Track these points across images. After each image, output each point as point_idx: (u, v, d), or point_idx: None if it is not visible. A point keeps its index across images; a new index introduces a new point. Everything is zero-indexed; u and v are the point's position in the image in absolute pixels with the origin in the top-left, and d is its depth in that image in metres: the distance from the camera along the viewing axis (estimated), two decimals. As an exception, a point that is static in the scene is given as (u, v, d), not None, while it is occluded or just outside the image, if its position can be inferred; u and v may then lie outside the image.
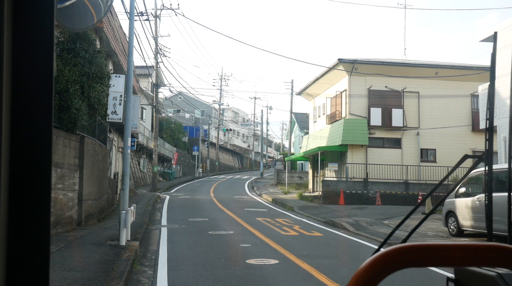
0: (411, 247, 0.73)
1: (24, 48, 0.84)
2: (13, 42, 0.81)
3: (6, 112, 0.78)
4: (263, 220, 16.48)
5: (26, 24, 0.85)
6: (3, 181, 0.76)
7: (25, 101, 0.84)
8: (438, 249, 0.74)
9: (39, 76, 0.86)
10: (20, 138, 0.82)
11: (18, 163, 0.81)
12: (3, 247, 0.77)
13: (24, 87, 0.84)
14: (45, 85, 0.86)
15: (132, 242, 10.04)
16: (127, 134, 10.28)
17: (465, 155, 1.96)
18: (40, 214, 0.82)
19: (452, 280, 1.59)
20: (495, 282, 1.38)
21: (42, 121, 0.85)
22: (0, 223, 0.75)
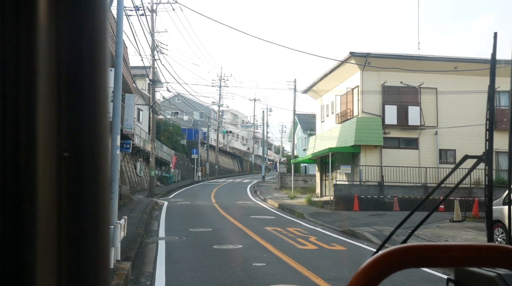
0: (411, 247, 0.75)
1: (23, 49, 0.74)
2: (11, 42, 0.73)
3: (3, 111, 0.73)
4: (272, 229, 14.78)
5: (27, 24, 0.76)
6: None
7: (24, 100, 0.73)
8: (438, 249, 0.75)
9: (38, 76, 0.75)
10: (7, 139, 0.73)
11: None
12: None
13: (22, 87, 0.75)
14: (44, 86, 0.76)
15: (123, 263, 8.21)
16: (116, 131, 8.44)
17: (465, 155, 2.24)
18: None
19: (452, 280, 1.61)
20: (495, 282, 1.41)
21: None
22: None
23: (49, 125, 0.69)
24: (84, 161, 0.70)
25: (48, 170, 0.68)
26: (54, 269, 0.66)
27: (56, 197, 0.68)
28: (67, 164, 0.69)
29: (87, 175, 0.70)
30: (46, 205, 0.68)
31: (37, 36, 0.71)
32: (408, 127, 23.71)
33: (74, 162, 0.69)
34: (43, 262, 0.66)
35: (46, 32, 0.72)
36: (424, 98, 23.84)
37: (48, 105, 0.69)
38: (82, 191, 0.69)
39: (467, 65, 23.14)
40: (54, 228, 0.68)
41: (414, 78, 23.59)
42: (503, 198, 10.87)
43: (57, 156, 0.68)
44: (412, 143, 24.00)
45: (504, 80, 8.38)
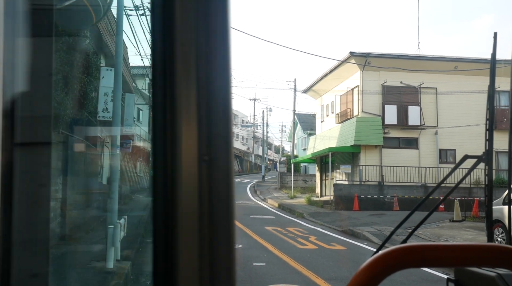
0: (411, 247, 0.74)
1: (23, 48, 0.87)
2: (12, 43, 0.84)
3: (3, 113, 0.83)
4: (272, 229, 14.78)
5: (26, 24, 0.88)
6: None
7: (23, 101, 0.87)
8: (438, 249, 0.75)
9: (38, 76, 0.90)
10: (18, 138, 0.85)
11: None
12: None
13: (23, 87, 0.87)
14: (44, 86, 0.91)
15: (123, 262, 8.21)
16: (116, 131, 8.44)
17: (465, 155, 2.26)
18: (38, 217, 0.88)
19: (452, 280, 1.60)
20: (495, 282, 1.40)
21: (41, 121, 0.90)
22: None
23: (191, 133, 0.80)
24: (218, 164, 0.81)
25: (192, 170, 0.79)
26: (196, 264, 0.76)
27: (197, 194, 0.79)
28: (206, 165, 0.80)
29: (220, 175, 0.81)
30: (189, 200, 0.78)
31: (175, 44, 0.81)
32: (408, 127, 23.66)
33: (211, 164, 0.81)
34: (187, 255, 0.76)
35: (182, 39, 0.81)
36: (424, 98, 23.78)
37: (190, 118, 0.80)
38: (217, 189, 0.80)
39: (467, 65, 23.10)
40: (194, 225, 0.79)
41: (414, 78, 23.55)
42: (503, 198, 10.87)
43: (198, 159, 0.80)
44: (412, 143, 23.96)
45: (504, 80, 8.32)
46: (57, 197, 10.42)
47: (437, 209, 2.63)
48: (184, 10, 0.82)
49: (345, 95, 25.58)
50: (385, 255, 0.73)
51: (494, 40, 2.52)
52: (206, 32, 0.83)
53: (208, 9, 0.83)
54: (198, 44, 0.82)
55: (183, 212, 0.78)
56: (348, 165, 24.10)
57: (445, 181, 3.20)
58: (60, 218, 10.56)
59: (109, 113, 15.66)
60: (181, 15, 0.82)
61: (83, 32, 11.93)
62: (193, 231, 0.78)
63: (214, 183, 0.79)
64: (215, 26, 0.84)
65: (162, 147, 0.80)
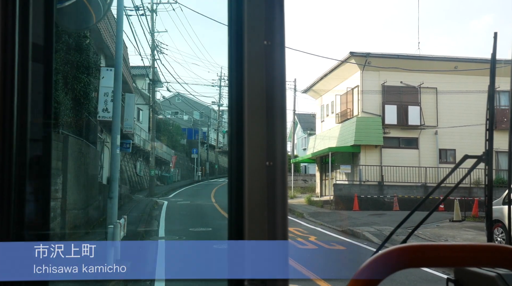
0: (411, 247, 0.74)
1: (24, 48, 0.88)
2: (13, 42, 0.84)
3: (4, 111, 0.83)
4: (272, 229, 14.76)
5: (26, 24, 0.89)
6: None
7: (24, 100, 0.87)
8: (438, 249, 0.75)
9: (39, 75, 0.90)
10: (19, 135, 0.86)
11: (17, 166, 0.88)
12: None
13: (23, 86, 0.88)
14: (44, 84, 0.92)
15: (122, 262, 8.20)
16: (116, 131, 8.44)
17: (465, 155, 2.29)
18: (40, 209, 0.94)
19: (452, 280, 1.61)
20: (495, 282, 1.40)
21: (41, 119, 0.92)
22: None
23: (258, 141, 0.91)
24: (278, 168, 0.91)
25: (257, 175, 0.90)
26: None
27: (264, 198, 0.90)
28: (269, 170, 0.90)
29: (279, 178, 0.91)
30: (256, 205, 0.90)
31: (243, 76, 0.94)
32: (408, 127, 23.66)
33: (273, 169, 0.90)
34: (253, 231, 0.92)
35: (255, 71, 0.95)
36: (424, 98, 23.78)
37: (256, 127, 0.91)
38: (277, 193, 0.90)
39: (467, 65, 23.10)
40: (264, 225, 0.91)
41: (414, 78, 23.56)
42: (503, 198, 10.87)
43: (263, 164, 0.90)
44: (412, 143, 23.96)
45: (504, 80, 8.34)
46: (56, 197, 10.40)
47: (437, 209, 2.72)
48: (251, 23, 0.92)
49: (345, 95, 25.58)
50: (385, 255, 0.74)
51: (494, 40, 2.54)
52: (267, 45, 0.92)
53: (269, 24, 0.93)
54: (262, 55, 0.92)
55: (250, 207, 0.89)
56: (348, 165, 24.09)
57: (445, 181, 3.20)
58: (60, 217, 10.54)
59: (109, 113, 15.67)
60: (249, 28, 0.93)
61: (83, 32, 11.93)
62: (260, 231, 0.91)
63: (274, 185, 0.89)
64: (274, 39, 0.93)
65: (237, 156, 0.92)
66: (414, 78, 23.59)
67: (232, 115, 0.93)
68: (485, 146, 2.24)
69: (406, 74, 23.42)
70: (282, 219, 0.89)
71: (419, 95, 23.78)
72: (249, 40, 0.94)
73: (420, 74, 23.43)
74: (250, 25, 0.93)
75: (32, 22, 0.93)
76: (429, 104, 23.75)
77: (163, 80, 31.97)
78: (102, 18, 12.65)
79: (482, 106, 22.11)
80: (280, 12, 0.95)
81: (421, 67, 23.40)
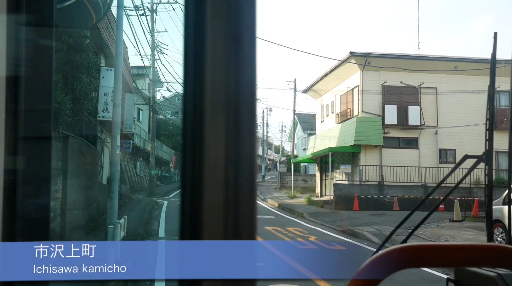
0: (411, 247, 0.74)
1: (23, 48, 0.86)
2: (13, 42, 0.83)
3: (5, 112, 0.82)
4: (272, 229, 14.76)
5: (27, 24, 0.88)
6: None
7: (24, 100, 0.86)
8: (438, 249, 0.74)
9: (38, 76, 0.89)
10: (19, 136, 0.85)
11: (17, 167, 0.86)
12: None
13: (23, 86, 0.87)
14: (44, 85, 0.90)
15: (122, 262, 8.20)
16: (116, 131, 8.44)
17: (465, 155, 2.30)
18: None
19: (452, 280, 1.63)
20: (495, 282, 1.39)
21: (41, 120, 0.90)
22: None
23: (219, 134, 0.86)
24: (244, 167, 0.86)
25: (216, 173, 0.85)
26: None
27: (222, 197, 0.84)
28: (231, 167, 0.85)
29: (245, 178, 0.86)
30: (213, 204, 0.85)
31: (206, 68, 0.86)
32: (408, 127, 23.66)
33: (237, 167, 0.86)
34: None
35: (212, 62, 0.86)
36: (424, 98, 23.78)
37: (217, 122, 0.85)
38: (241, 192, 0.86)
39: (467, 65, 23.10)
40: (220, 225, 0.86)
41: (414, 78, 23.55)
42: (503, 198, 10.87)
43: (223, 161, 0.85)
44: (412, 143, 23.95)
45: (504, 80, 8.38)
46: (56, 197, 10.39)
47: (437, 209, 2.71)
48: (215, 15, 0.86)
49: (345, 95, 25.57)
50: (385, 255, 0.74)
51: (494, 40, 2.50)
52: (235, 37, 0.86)
53: (236, 16, 0.87)
54: (228, 49, 0.86)
55: (209, 209, 0.83)
56: (348, 165, 24.09)
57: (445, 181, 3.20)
58: (59, 217, 10.53)
59: (109, 113, 15.67)
60: (212, 20, 0.86)
61: (83, 32, 11.92)
62: (219, 231, 0.85)
63: (238, 182, 0.84)
64: (243, 31, 0.87)
65: (191, 149, 0.85)
66: (414, 78, 23.59)
67: (187, 105, 0.87)
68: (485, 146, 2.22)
69: (406, 74, 23.42)
70: (249, 218, 0.86)
71: (419, 95, 23.77)
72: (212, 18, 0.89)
73: (420, 74, 23.43)
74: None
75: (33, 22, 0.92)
76: (429, 104, 23.75)
77: (163, 80, 31.95)
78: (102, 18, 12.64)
79: (482, 106, 22.19)
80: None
81: (421, 67, 23.39)
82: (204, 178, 0.84)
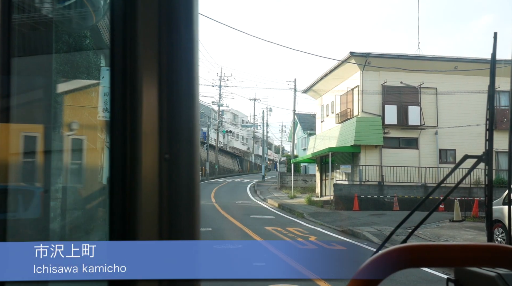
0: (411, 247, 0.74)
1: (23, 48, 0.93)
2: (11, 42, 0.81)
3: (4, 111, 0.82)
4: (272, 229, 14.77)
5: (28, 24, 0.99)
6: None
7: (24, 100, 0.93)
8: (438, 249, 0.74)
9: (40, 74, 0.99)
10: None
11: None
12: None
13: (22, 86, 0.90)
14: (45, 83, 1.03)
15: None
16: (116, 131, 8.44)
17: (465, 155, 2.27)
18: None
19: (452, 280, 1.61)
20: (495, 282, 1.40)
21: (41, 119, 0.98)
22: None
23: (153, 131, 0.78)
24: (182, 163, 0.79)
25: (151, 170, 0.77)
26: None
27: (157, 195, 0.78)
28: (168, 165, 0.78)
29: (184, 175, 0.80)
30: (148, 202, 0.78)
31: (139, 49, 0.78)
32: (408, 127, 23.67)
33: (174, 163, 0.78)
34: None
35: (146, 42, 0.78)
36: (424, 98, 23.79)
37: (150, 111, 0.77)
38: (179, 190, 0.79)
39: (467, 65, 23.11)
40: (155, 224, 0.79)
41: (414, 78, 23.56)
42: (503, 198, 10.87)
43: (159, 157, 0.77)
44: (412, 143, 23.97)
45: (504, 80, 8.37)
46: (57, 197, 10.40)
47: (437, 209, 2.71)
48: (146, 7, 0.78)
49: (345, 95, 25.58)
50: (385, 255, 0.74)
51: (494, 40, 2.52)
52: (170, 29, 0.79)
53: (171, 6, 0.79)
54: (161, 40, 0.78)
55: (142, 211, 0.77)
56: (348, 165, 24.10)
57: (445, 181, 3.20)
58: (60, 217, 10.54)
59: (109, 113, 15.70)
60: (143, 14, 0.78)
61: (83, 32, 11.93)
62: (153, 231, 0.79)
63: (176, 181, 0.78)
64: (178, 22, 0.79)
65: (122, 145, 0.77)
66: (414, 78, 23.60)
67: (115, 93, 0.76)
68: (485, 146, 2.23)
69: (406, 74, 23.43)
70: (188, 218, 0.80)
71: (419, 95, 23.79)
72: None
73: (420, 74, 23.43)
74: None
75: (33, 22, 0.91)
76: (429, 104, 23.76)
77: (163, 80, 31.95)
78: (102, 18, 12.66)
79: (482, 106, 22.15)
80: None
81: (421, 67, 23.40)
82: (135, 176, 0.76)
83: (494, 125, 2.69)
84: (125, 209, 0.78)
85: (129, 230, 0.79)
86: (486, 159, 2.18)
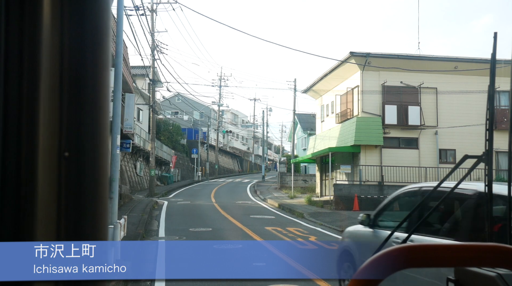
0: (411, 247, 0.73)
1: (27, 50, 0.77)
2: (8, 42, 0.75)
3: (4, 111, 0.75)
4: (272, 229, 14.76)
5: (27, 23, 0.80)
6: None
7: (24, 100, 0.77)
8: (439, 249, 0.74)
9: (39, 74, 0.80)
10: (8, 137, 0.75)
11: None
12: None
13: (25, 87, 0.78)
14: (45, 84, 0.81)
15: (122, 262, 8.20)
16: (116, 131, 8.44)
17: (465, 155, 2.29)
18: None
19: (452, 280, 1.58)
20: (495, 282, 1.40)
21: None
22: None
23: (50, 125, 0.72)
24: (84, 161, 0.73)
25: (49, 168, 0.71)
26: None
27: (56, 194, 0.72)
28: (67, 163, 0.72)
29: (87, 174, 0.74)
30: (46, 202, 0.72)
31: (40, 37, 0.74)
32: (408, 127, 23.66)
33: (75, 161, 0.73)
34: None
35: (49, 33, 0.74)
36: (424, 98, 23.78)
37: (49, 106, 0.72)
38: (81, 189, 0.73)
39: (467, 65, 23.12)
40: (53, 225, 0.73)
41: (414, 78, 23.57)
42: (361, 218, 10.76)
43: (58, 155, 0.72)
44: (412, 143, 23.96)
45: (504, 80, 8.34)
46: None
47: (435, 209, 2.66)
48: (53, 9, 0.74)
49: (345, 95, 25.57)
50: (385, 255, 0.73)
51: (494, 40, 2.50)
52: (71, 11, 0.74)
53: (78, 8, 0.75)
54: (63, 28, 0.74)
55: (40, 214, 0.72)
56: (348, 165, 24.09)
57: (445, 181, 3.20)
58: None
59: (109, 113, 15.69)
60: (49, 11, 0.74)
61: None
62: (51, 233, 0.74)
63: (77, 182, 0.73)
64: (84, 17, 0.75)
65: (15, 142, 0.71)
66: (414, 78, 23.60)
67: (10, 88, 0.71)
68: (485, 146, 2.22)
69: (406, 74, 23.42)
70: (92, 217, 0.74)
71: (419, 95, 23.78)
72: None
73: (420, 74, 23.44)
74: None
75: None
76: (429, 104, 23.75)
77: (163, 80, 31.95)
78: None
79: (482, 106, 22.32)
80: None
81: (421, 67, 23.41)
82: (31, 174, 0.70)
83: (494, 125, 2.69)
84: (19, 209, 0.72)
85: (20, 230, 0.73)
86: (486, 159, 2.18)
